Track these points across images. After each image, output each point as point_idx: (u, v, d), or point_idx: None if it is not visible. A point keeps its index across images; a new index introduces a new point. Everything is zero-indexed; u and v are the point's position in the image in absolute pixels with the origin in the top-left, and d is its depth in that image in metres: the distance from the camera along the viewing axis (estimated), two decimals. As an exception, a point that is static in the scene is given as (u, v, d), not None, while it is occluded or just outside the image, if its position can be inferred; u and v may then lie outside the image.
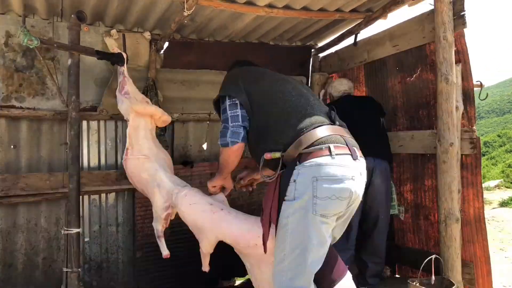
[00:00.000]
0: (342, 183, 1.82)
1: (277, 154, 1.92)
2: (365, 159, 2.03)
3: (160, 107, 3.13)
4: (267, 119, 2.01)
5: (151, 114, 2.85)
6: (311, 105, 2.04)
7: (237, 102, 2.10)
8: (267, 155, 1.95)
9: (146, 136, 2.76)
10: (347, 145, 1.91)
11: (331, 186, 1.79)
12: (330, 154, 1.82)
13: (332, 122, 1.99)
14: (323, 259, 1.89)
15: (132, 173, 2.76)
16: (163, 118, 2.92)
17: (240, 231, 2.10)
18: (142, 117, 2.78)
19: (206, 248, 2.33)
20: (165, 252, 2.61)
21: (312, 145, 1.85)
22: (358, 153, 1.95)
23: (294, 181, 1.82)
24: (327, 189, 1.78)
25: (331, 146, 1.84)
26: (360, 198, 1.96)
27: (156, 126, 3.00)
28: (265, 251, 1.93)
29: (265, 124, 2.01)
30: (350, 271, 2.13)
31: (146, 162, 2.65)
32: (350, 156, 1.89)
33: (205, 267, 2.45)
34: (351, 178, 1.85)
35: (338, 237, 2.07)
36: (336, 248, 2.19)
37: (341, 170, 1.82)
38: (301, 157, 1.85)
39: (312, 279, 1.88)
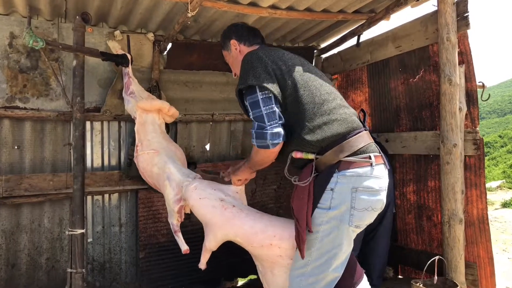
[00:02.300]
0: (379, 195, 1.81)
1: (311, 156, 1.84)
2: None
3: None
4: (302, 115, 1.86)
5: (158, 108, 2.81)
6: (346, 106, 1.97)
7: (270, 95, 1.86)
8: (297, 154, 1.86)
9: (154, 130, 2.72)
10: (380, 153, 1.90)
11: (370, 198, 1.77)
12: (371, 165, 1.78)
13: (364, 126, 1.95)
14: (345, 264, 1.88)
15: (143, 168, 2.72)
16: (171, 112, 2.87)
17: (253, 230, 2.01)
18: (148, 113, 2.76)
19: (211, 244, 2.23)
20: (184, 247, 2.49)
21: (354, 153, 1.80)
22: (387, 162, 1.95)
23: (331, 189, 1.77)
24: (366, 200, 1.76)
25: (372, 156, 1.81)
26: None
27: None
28: (302, 256, 1.83)
29: (300, 120, 1.86)
30: None
31: (155, 156, 2.61)
32: (383, 166, 1.88)
33: (202, 264, 2.33)
34: (384, 189, 1.85)
35: None
36: None
37: (378, 182, 1.81)
38: (340, 165, 1.78)
39: (334, 284, 1.84)
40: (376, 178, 1.79)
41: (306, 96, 1.88)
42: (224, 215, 2.10)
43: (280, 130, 1.83)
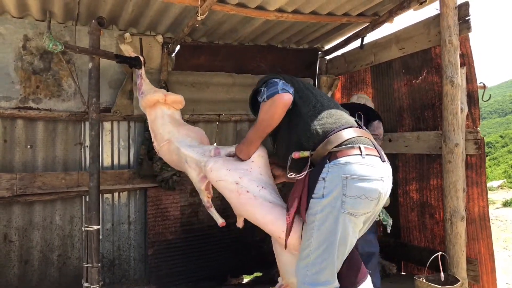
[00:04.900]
0: (372, 183, 1.83)
1: (306, 153, 1.93)
2: None
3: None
4: (299, 118, 2.00)
5: (155, 101, 2.82)
6: (340, 108, 2.09)
7: (290, 84, 2.04)
8: (296, 154, 1.95)
9: (164, 123, 2.75)
10: (375, 147, 1.95)
11: (361, 185, 1.80)
12: (361, 154, 1.83)
13: (359, 126, 2.03)
14: (346, 256, 1.92)
15: (167, 160, 2.77)
16: (169, 100, 2.85)
17: (264, 220, 2.04)
18: (156, 108, 2.80)
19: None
20: (219, 220, 2.49)
21: (342, 144, 1.86)
22: (385, 156, 1.98)
23: (323, 179, 1.83)
24: (357, 188, 1.80)
25: (361, 146, 1.86)
26: (385, 199, 1.96)
27: None
28: (285, 247, 1.93)
29: (297, 122, 2.00)
30: None
31: (170, 145, 2.65)
32: (379, 158, 1.91)
33: (239, 223, 2.39)
34: (380, 179, 1.86)
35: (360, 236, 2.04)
36: None
37: (371, 170, 1.83)
38: (331, 156, 1.86)
39: (336, 275, 1.90)
40: (367, 166, 1.83)
41: (304, 101, 2.04)
42: (239, 201, 2.11)
43: (291, 89, 1.99)
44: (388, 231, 3.10)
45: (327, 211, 1.83)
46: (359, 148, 1.85)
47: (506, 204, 8.02)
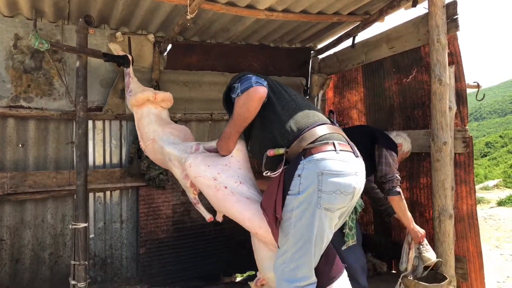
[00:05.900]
0: (347, 179, 1.85)
1: (281, 151, 1.94)
2: None
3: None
4: (274, 115, 2.02)
5: (146, 99, 2.80)
6: (313, 107, 2.12)
7: (263, 81, 2.03)
8: (270, 152, 1.96)
9: (150, 121, 2.75)
10: (348, 143, 1.98)
11: (336, 180, 1.82)
12: (335, 150, 1.86)
13: (332, 123, 2.05)
14: (323, 251, 1.94)
15: (153, 159, 2.77)
16: (159, 98, 2.83)
17: (241, 216, 2.06)
18: (143, 107, 2.78)
19: None
20: (207, 216, 2.50)
21: (316, 140, 1.89)
22: (358, 152, 2.01)
23: (299, 175, 1.85)
24: (332, 183, 1.82)
25: (335, 142, 1.89)
26: (360, 194, 1.99)
27: None
28: (278, 245, 1.92)
29: (271, 120, 2.02)
30: None
31: (155, 144, 2.65)
32: (352, 154, 1.94)
33: (219, 218, 2.42)
34: (354, 173, 1.89)
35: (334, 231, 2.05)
36: None
37: (345, 165, 1.86)
38: (306, 152, 1.88)
39: (313, 270, 1.91)
40: (341, 161, 1.86)
41: (278, 97, 2.05)
42: (216, 197, 2.12)
43: (265, 84, 1.99)
44: (343, 247, 2.82)
45: (303, 207, 1.84)
46: (333, 144, 1.88)
47: (500, 203, 8.02)
